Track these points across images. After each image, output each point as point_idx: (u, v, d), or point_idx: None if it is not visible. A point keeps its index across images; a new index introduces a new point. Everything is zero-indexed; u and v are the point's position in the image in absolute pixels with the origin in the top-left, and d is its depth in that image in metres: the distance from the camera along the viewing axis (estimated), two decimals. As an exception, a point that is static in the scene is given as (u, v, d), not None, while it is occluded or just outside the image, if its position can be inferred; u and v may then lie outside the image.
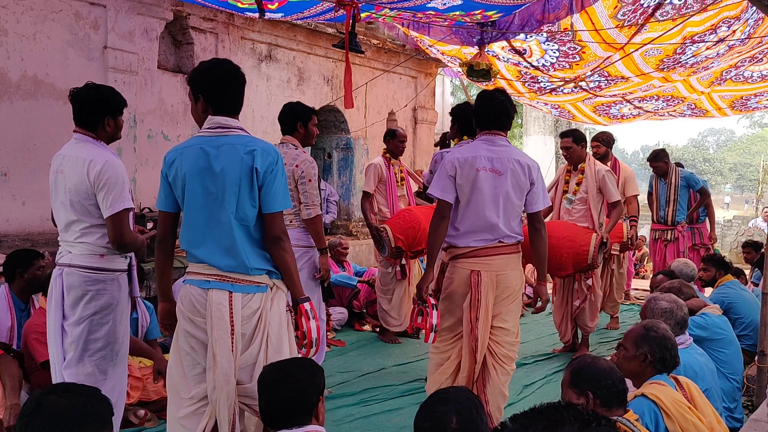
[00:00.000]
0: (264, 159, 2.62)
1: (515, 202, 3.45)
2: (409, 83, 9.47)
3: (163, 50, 6.42)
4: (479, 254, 3.42)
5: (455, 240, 3.47)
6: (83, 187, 3.08)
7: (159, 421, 3.89)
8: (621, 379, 2.52)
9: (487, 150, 3.45)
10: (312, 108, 4.38)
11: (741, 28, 5.52)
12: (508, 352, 3.46)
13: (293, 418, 2.12)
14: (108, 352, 3.18)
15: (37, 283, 3.99)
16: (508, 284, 3.44)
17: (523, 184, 3.44)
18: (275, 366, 2.29)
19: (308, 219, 4.12)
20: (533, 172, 3.47)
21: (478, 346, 3.37)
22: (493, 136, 3.50)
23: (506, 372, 3.46)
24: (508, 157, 3.43)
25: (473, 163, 3.40)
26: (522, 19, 5.51)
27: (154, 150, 6.12)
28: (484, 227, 3.41)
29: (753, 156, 47.46)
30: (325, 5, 5.12)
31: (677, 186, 7.17)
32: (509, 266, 3.46)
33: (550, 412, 1.09)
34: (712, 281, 5.71)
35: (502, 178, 3.40)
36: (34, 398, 1.75)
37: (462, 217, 3.44)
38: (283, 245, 2.69)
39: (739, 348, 4.08)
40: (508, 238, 3.45)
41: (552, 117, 12.70)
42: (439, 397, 2.14)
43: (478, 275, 3.38)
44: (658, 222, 7.33)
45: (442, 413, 2.02)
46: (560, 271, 5.43)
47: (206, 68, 2.75)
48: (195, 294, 2.66)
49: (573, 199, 5.51)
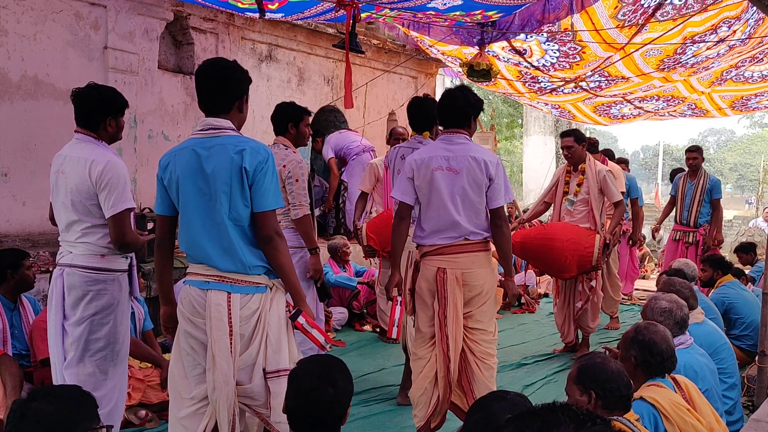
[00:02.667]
0: (253, 158, 2.61)
1: (474, 198, 3.44)
2: (410, 83, 9.47)
3: (163, 50, 6.43)
4: (444, 252, 3.44)
5: (422, 240, 3.52)
6: (85, 187, 3.08)
7: (160, 422, 3.89)
8: (627, 384, 2.50)
9: (444, 149, 3.47)
10: (305, 108, 4.36)
11: (741, 29, 5.52)
12: (487, 349, 3.47)
13: (325, 425, 2.08)
14: (109, 352, 3.18)
15: (27, 283, 4.00)
16: (476, 282, 3.43)
17: (480, 180, 3.43)
18: (313, 371, 2.15)
19: (296, 219, 4.12)
20: (491, 168, 3.44)
21: (450, 345, 3.37)
22: (451, 135, 3.52)
23: (489, 366, 3.47)
24: (464, 155, 3.44)
25: (429, 163, 3.45)
26: (522, 20, 5.51)
27: (155, 150, 6.12)
28: (447, 225, 3.44)
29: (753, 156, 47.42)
30: (326, 5, 5.12)
31: (704, 189, 7.15)
32: (476, 264, 3.45)
33: (545, 413, 1.10)
34: (711, 281, 5.72)
35: (459, 176, 3.42)
36: (17, 408, 1.73)
37: (425, 218, 3.49)
38: (275, 245, 2.68)
39: (730, 347, 4.07)
40: (474, 236, 3.45)
41: (552, 117, 12.70)
42: (496, 395, 2.12)
43: (444, 272, 3.40)
44: (680, 223, 7.31)
45: (496, 409, 2.00)
46: (564, 273, 5.42)
47: (198, 69, 2.75)
48: (194, 295, 2.67)
49: (574, 200, 5.50)
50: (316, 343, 2.75)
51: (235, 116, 2.75)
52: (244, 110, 2.82)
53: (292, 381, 2.15)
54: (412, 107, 4.38)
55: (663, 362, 2.85)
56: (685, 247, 7.19)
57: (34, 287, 4.11)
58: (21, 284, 4.00)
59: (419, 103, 4.39)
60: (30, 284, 4.04)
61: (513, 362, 5.45)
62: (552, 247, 5.28)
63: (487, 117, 20.78)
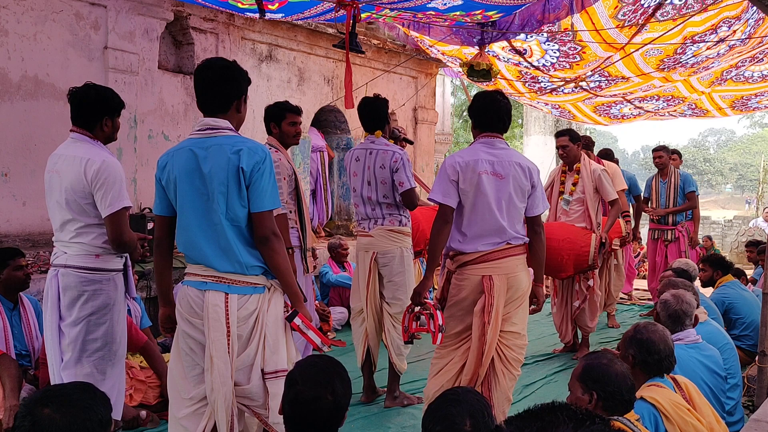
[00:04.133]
0: (250, 158, 2.60)
1: (518, 205, 3.41)
2: (410, 83, 9.47)
3: (163, 50, 6.43)
4: (489, 258, 3.36)
5: (463, 246, 3.41)
6: (80, 186, 3.07)
7: (160, 422, 3.89)
8: (630, 388, 2.48)
9: (487, 153, 3.40)
10: (290, 107, 4.27)
11: (741, 28, 5.52)
12: (518, 355, 3.43)
13: (322, 429, 2.05)
14: (106, 352, 3.18)
15: (16, 282, 3.94)
16: (519, 286, 3.40)
17: (525, 187, 3.41)
18: (312, 378, 2.08)
19: None
20: (534, 175, 3.44)
21: (486, 349, 3.32)
22: (492, 139, 3.45)
23: (513, 377, 3.43)
24: (508, 160, 3.40)
25: (475, 166, 3.35)
26: (522, 19, 5.51)
27: (155, 150, 6.12)
28: (492, 231, 3.36)
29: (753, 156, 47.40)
30: (326, 5, 5.12)
31: (677, 186, 7.17)
32: (518, 268, 3.42)
33: (544, 414, 1.10)
34: (710, 281, 5.72)
35: (504, 182, 3.37)
36: (28, 414, 1.67)
37: (469, 222, 3.38)
38: (272, 246, 2.66)
39: (733, 347, 4.07)
40: (515, 240, 3.42)
41: (552, 117, 12.70)
42: (448, 398, 2.08)
43: (491, 280, 3.32)
44: (657, 222, 7.33)
45: (455, 415, 1.98)
46: (560, 272, 5.42)
47: (197, 68, 2.75)
48: (192, 295, 2.66)
49: (570, 200, 5.51)
50: (313, 344, 2.75)
51: (233, 116, 2.74)
52: (243, 110, 2.80)
53: (290, 386, 2.10)
54: (365, 107, 4.36)
55: (661, 361, 2.85)
56: (665, 246, 7.20)
57: (29, 287, 4.07)
58: (10, 284, 3.93)
59: (371, 102, 4.37)
60: (20, 284, 3.96)
61: (513, 362, 5.45)
62: (548, 246, 5.27)
63: (488, 117, 20.68)
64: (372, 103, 4.36)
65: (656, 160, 7.33)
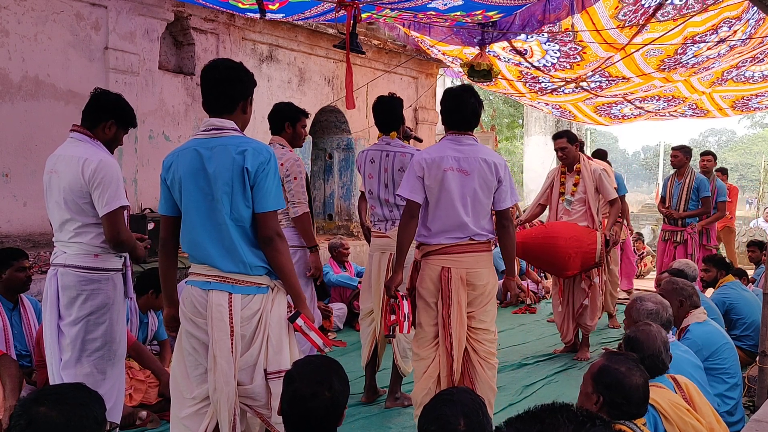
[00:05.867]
0: (255, 158, 2.61)
1: (483, 200, 3.46)
2: (410, 84, 9.47)
3: (164, 51, 6.43)
4: (449, 251, 3.45)
5: (427, 239, 3.51)
6: (78, 185, 3.08)
7: (161, 422, 3.89)
8: (640, 402, 2.44)
9: (454, 150, 3.46)
10: (302, 110, 4.34)
11: (742, 29, 5.52)
12: (489, 348, 3.50)
13: (321, 428, 2.06)
14: (106, 351, 3.18)
15: (17, 283, 3.95)
16: (480, 282, 3.45)
17: (490, 182, 3.46)
18: (310, 376, 2.10)
19: (296, 217, 4.11)
20: (500, 169, 3.48)
21: (453, 344, 3.39)
22: (459, 136, 3.51)
23: (491, 366, 3.49)
24: (474, 156, 3.44)
25: (440, 163, 3.43)
26: (523, 20, 5.51)
27: (155, 151, 6.12)
28: (455, 226, 3.44)
29: (754, 156, 47.33)
30: (326, 6, 5.12)
31: (690, 187, 7.15)
32: (479, 264, 3.47)
33: (544, 415, 1.10)
34: (714, 282, 5.71)
35: (470, 178, 3.42)
36: (23, 412, 1.67)
37: (433, 217, 3.48)
38: (276, 246, 2.67)
39: (732, 347, 4.06)
40: (479, 236, 3.47)
41: (553, 117, 12.69)
42: (443, 399, 2.09)
43: (449, 272, 3.41)
44: (669, 223, 7.32)
45: (449, 416, 1.99)
46: (566, 271, 5.45)
47: (204, 69, 2.76)
48: (196, 295, 2.67)
49: (572, 200, 5.54)
50: (315, 345, 2.76)
51: (239, 117, 2.75)
52: (249, 111, 2.82)
53: (288, 384, 2.12)
54: (381, 106, 4.29)
55: (656, 361, 2.86)
56: (674, 247, 7.20)
57: (29, 288, 4.06)
58: (11, 284, 3.94)
59: (387, 102, 4.31)
60: (21, 285, 3.97)
61: (513, 362, 5.45)
62: (555, 245, 5.31)
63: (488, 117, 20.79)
64: (388, 103, 4.31)
65: (672, 160, 7.31)
